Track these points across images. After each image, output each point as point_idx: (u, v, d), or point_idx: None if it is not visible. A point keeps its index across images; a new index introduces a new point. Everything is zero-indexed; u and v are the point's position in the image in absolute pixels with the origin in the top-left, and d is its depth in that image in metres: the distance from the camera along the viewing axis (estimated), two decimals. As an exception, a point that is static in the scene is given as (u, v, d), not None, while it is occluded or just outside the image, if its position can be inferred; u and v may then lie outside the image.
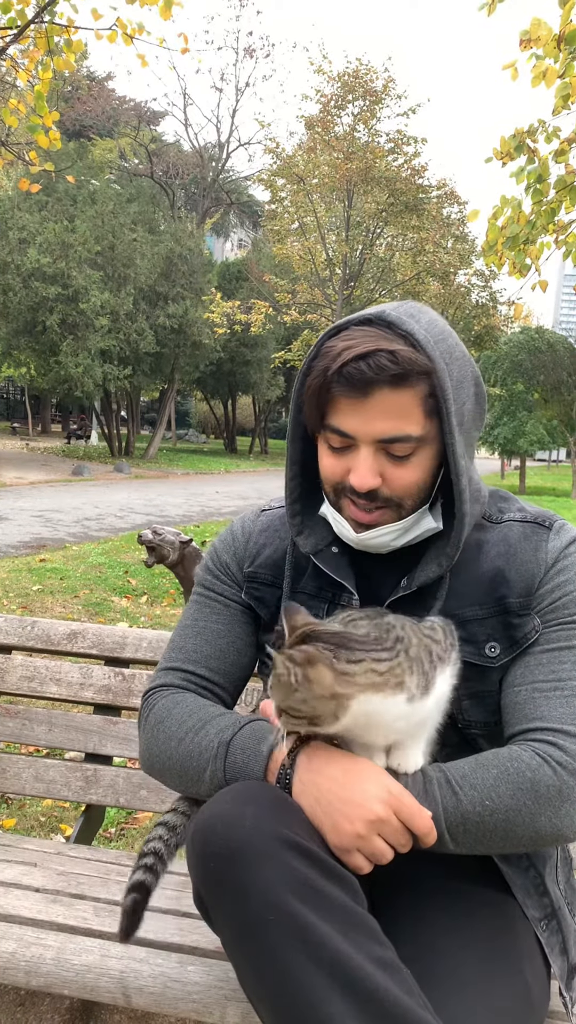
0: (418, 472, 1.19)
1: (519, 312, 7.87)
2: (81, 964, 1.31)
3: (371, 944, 0.95)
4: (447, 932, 1.10)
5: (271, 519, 1.40)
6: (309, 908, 0.94)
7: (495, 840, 1.09)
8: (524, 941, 1.14)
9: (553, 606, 1.20)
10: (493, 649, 1.21)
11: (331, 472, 1.22)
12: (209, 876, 1.01)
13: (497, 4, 4.93)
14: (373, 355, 1.11)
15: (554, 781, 1.09)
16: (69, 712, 1.98)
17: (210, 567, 1.41)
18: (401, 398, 1.13)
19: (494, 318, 27.55)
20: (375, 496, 1.18)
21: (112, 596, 6.76)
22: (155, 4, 5.89)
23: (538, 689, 1.17)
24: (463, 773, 1.10)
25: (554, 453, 53.52)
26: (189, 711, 1.25)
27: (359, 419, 1.15)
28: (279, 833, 0.98)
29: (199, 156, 37.62)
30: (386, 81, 23.65)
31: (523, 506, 1.30)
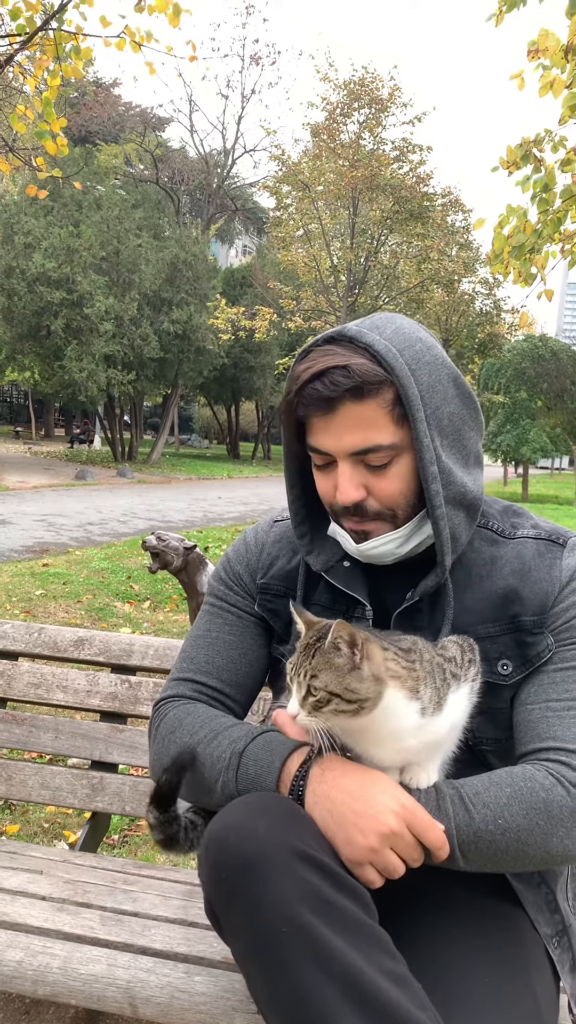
0: (400, 481, 1.19)
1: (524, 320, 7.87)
2: (88, 973, 1.31)
3: (383, 957, 0.95)
4: (456, 946, 1.10)
5: (284, 530, 1.41)
6: (321, 921, 0.94)
7: (506, 859, 1.09)
8: (533, 956, 1.14)
9: (567, 625, 1.20)
10: (506, 667, 1.21)
11: (324, 491, 1.24)
12: (222, 887, 1.01)
13: (505, 15, 4.95)
14: (327, 373, 1.13)
15: (567, 802, 1.09)
16: (75, 719, 1.97)
17: (223, 577, 1.41)
18: (365, 409, 1.15)
19: (498, 326, 27.59)
20: (364, 510, 1.20)
21: (115, 601, 6.76)
22: (164, 12, 5.91)
23: (551, 708, 1.17)
24: (476, 791, 1.10)
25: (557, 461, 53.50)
26: (201, 722, 1.25)
27: (330, 436, 1.17)
28: (292, 845, 0.98)
29: (204, 162, 37.71)
30: (392, 89, 23.73)
31: (537, 522, 1.30)
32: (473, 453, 1.25)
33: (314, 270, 24.96)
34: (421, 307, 25.71)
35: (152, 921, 1.47)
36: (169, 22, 5.97)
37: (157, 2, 5.92)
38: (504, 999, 1.03)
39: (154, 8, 5.97)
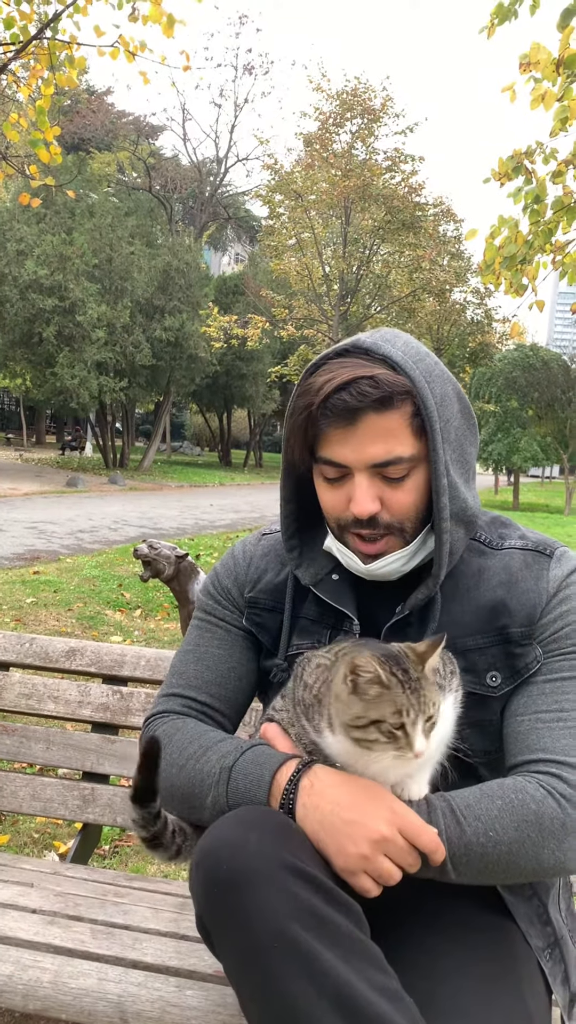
0: (414, 494, 1.20)
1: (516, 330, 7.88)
2: (79, 988, 1.30)
3: (374, 972, 0.95)
4: (448, 960, 1.09)
5: (272, 543, 1.40)
6: (312, 935, 0.93)
7: (497, 871, 1.09)
8: (525, 968, 1.14)
9: (555, 636, 1.20)
10: (494, 679, 1.21)
11: (332, 506, 1.23)
12: (212, 902, 1.01)
13: (497, 28, 4.99)
14: (354, 383, 1.13)
15: (558, 814, 1.09)
16: (67, 730, 1.97)
17: (211, 591, 1.41)
18: (388, 421, 1.15)
19: (489, 335, 27.70)
20: (376, 523, 1.19)
21: (106, 609, 6.74)
22: (158, 22, 5.93)
23: (541, 720, 1.17)
24: (467, 803, 1.10)
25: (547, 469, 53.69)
26: (190, 738, 1.25)
27: (349, 447, 1.16)
28: (283, 859, 0.97)
29: (197, 171, 37.81)
30: (384, 99, 23.84)
31: (524, 532, 1.30)
32: (472, 468, 1.26)
33: (306, 279, 25.01)
34: (413, 316, 25.80)
35: (143, 934, 1.47)
36: (163, 32, 5.99)
37: (151, 12, 5.94)
38: (496, 1012, 1.02)
39: (148, 18, 5.99)
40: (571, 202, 5.26)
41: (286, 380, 28.93)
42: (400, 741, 1.02)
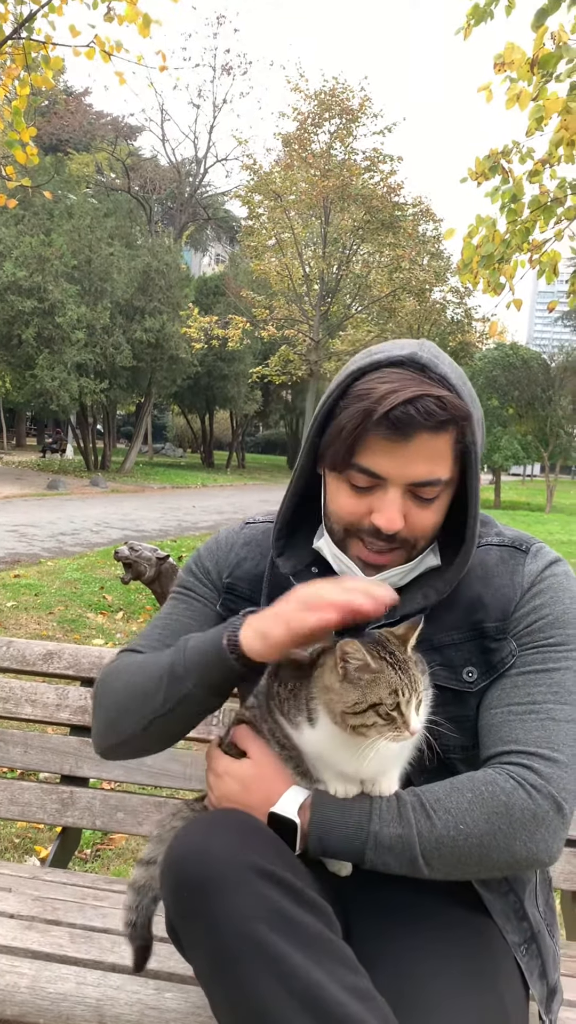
0: (438, 515, 1.20)
1: (494, 330, 7.94)
2: (56, 992, 1.30)
3: (345, 972, 0.95)
4: (424, 956, 1.09)
5: (254, 533, 1.41)
6: (281, 937, 0.93)
7: (470, 865, 1.08)
8: (502, 964, 1.14)
9: (529, 629, 1.20)
10: (471, 674, 1.21)
11: (349, 512, 1.20)
12: (181, 907, 1.00)
13: (473, 28, 5.01)
14: (421, 400, 1.11)
15: (529, 805, 1.09)
16: (45, 733, 1.96)
17: (192, 569, 1.41)
18: (438, 443, 1.14)
19: (469, 334, 27.83)
20: (394, 538, 1.18)
21: (87, 612, 6.71)
22: (134, 22, 5.91)
23: (513, 712, 1.17)
24: (437, 797, 1.10)
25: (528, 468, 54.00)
26: (144, 657, 1.29)
27: (396, 462, 1.14)
28: (251, 861, 0.97)
29: (176, 171, 37.76)
30: (362, 100, 23.91)
31: (501, 529, 1.31)
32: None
33: (287, 279, 25.04)
34: (393, 316, 25.89)
35: (122, 937, 1.45)
36: (139, 32, 5.97)
37: (127, 12, 5.93)
38: (472, 1008, 1.02)
39: (124, 18, 5.97)
40: (547, 201, 5.29)
41: (267, 380, 28.94)
42: (396, 721, 1.04)
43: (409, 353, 1.16)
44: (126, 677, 1.27)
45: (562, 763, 1.12)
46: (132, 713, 1.24)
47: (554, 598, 1.22)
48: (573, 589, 1.24)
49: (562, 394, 29.40)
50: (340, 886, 1.20)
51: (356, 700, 1.04)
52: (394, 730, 1.05)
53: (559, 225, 5.38)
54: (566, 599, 1.22)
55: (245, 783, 1.16)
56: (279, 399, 43.47)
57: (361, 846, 1.07)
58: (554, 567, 1.25)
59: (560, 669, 1.18)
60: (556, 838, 1.10)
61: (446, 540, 1.25)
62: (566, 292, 6.13)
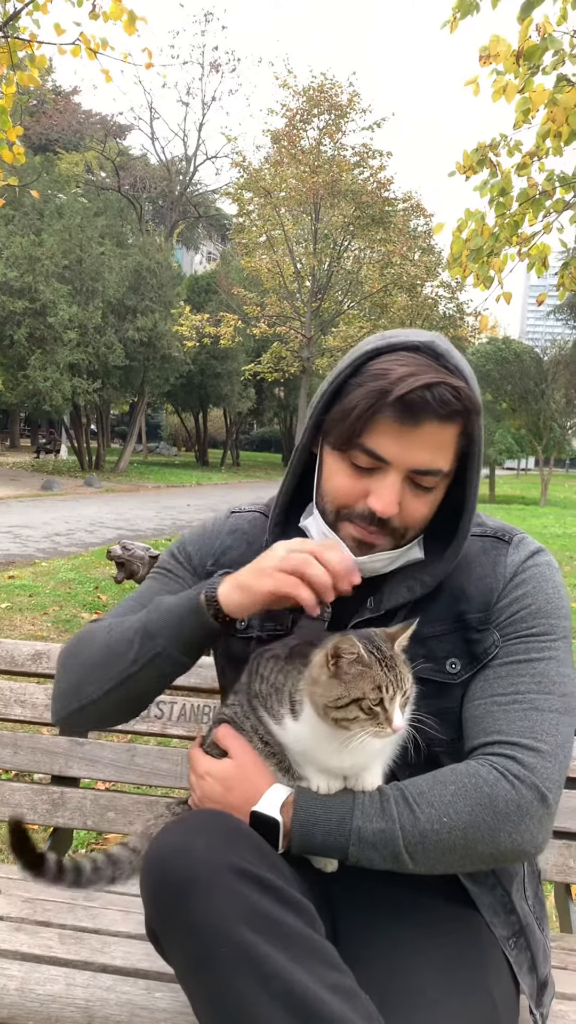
0: (431, 506, 1.20)
1: (485, 324, 7.96)
2: (46, 994, 1.29)
3: (327, 971, 0.94)
4: (412, 951, 1.09)
5: (239, 522, 1.40)
6: (262, 937, 0.92)
7: (455, 858, 1.08)
8: (491, 958, 1.13)
9: (511, 619, 1.20)
10: (454, 665, 1.20)
11: (346, 493, 1.19)
12: (161, 908, 0.99)
13: (459, 21, 5.00)
14: (437, 387, 1.11)
15: (512, 796, 1.08)
16: (35, 734, 1.95)
17: (174, 553, 1.41)
18: (445, 433, 1.14)
19: (461, 329, 27.82)
20: (386, 524, 1.18)
21: (82, 612, 6.70)
22: (119, 20, 5.89)
23: (496, 703, 1.16)
24: (420, 790, 1.09)
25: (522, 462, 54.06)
26: (115, 620, 1.28)
27: (401, 446, 1.14)
28: (230, 862, 0.96)
29: (166, 170, 37.67)
30: (351, 95, 23.87)
31: (483, 520, 1.30)
32: None
33: (278, 276, 25.00)
34: (385, 312, 25.87)
35: (112, 938, 1.45)
36: (124, 29, 5.95)
37: (112, 9, 5.90)
38: (460, 1002, 1.02)
39: (109, 15, 5.94)
40: (536, 194, 5.30)
41: (260, 378, 28.91)
42: (379, 717, 1.04)
43: (427, 340, 1.17)
44: (98, 639, 1.26)
45: (545, 753, 1.11)
46: (99, 674, 1.23)
47: (536, 588, 1.21)
48: (556, 579, 1.23)
49: (555, 388, 29.46)
50: (327, 883, 1.19)
51: (339, 695, 1.04)
52: (376, 725, 1.04)
53: (548, 218, 5.39)
54: (548, 589, 1.22)
55: (227, 783, 1.16)
56: (272, 396, 43.43)
57: (344, 842, 1.07)
58: (536, 557, 1.24)
59: (543, 659, 1.18)
60: (541, 828, 1.10)
61: (430, 534, 1.24)
62: (556, 285, 6.14)
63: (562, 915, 1.79)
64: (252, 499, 1.39)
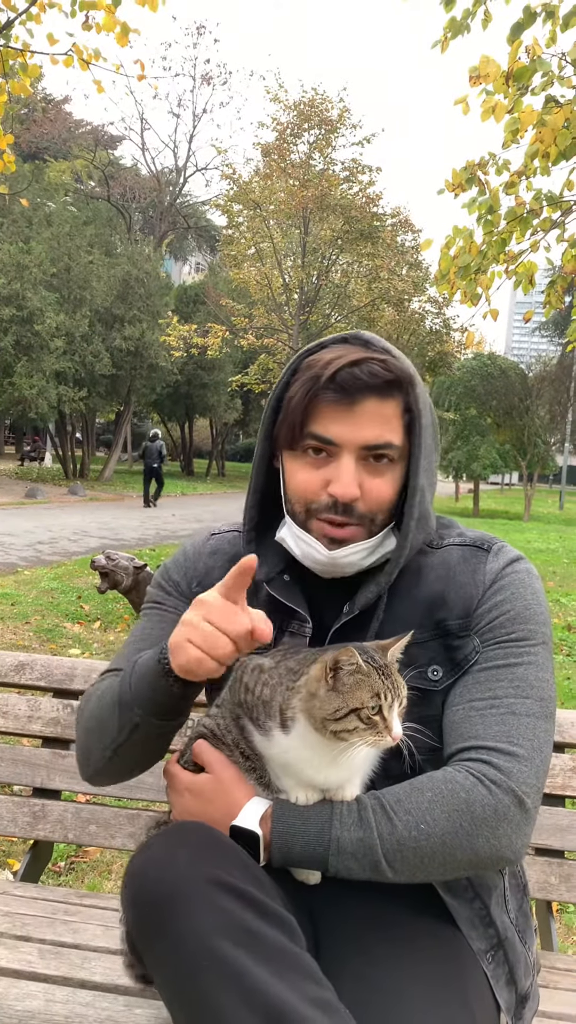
0: (391, 486, 1.22)
1: (471, 340, 8.02)
2: (24, 1010, 1.27)
3: (308, 984, 0.93)
4: (392, 965, 1.08)
5: (220, 543, 1.42)
6: (243, 951, 0.92)
7: (434, 865, 1.07)
8: (471, 972, 1.13)
9: (490, 625, 1.21)
10: (436, 672, 1.21)
11: (306, 487, 1.22)
12: (142, 922, 0.99)
13: (450, 41, 5.06)
14: (366, 362, 1.17)
15: (489, 801, 1.08)
16: (16, 745, 1.93)
17: (160, 583, 1.42)
18: (386, 407, 1.19)
19: (448, 344, 27.97)
20: (351, 511, 1.20)
21: (64, 622, 6.66)
22: (112, 31, 5.91)
23: (474, 708, 1.16)
24: (398, 798, 1.09)
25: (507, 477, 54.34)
26: (108, 683, 1.28)
27: (345, 425, 1.18)
28: (211, 875, 0.96)
29: (156, 180, 37.72)
30: (341, 111, 24.01)
31: (463, 531, 1.32)
32: (435, 479, 1.29)
33: (266, 288, 25.07)
34: (372, 325, 25.96)
35: (93, 953, 1.44)
36: (117, 41, 5.98)
37: (105, 21, 5.93)
38: (440, 1016, 1.01)
39: (102, 27, 5.97)
40: (523, 212, 5.35)
41: (247, 389, 28.94)
42: (378, 726, 1.04)
43: (351, 333, 1.25)
44: (91, 706, 1.28)
45: (522, 757, 1.11)
46: (96, 742, 1.25)
47: (515, 594, 1.22)
48: (534, 585, 1.25)
49: (539, 403, 29.65)
50: (309, 897, 1.19)
51: (338, 706, 1.04)
52: (375, 735, 1.04)
53: (535, 236, 5.44)
54: (527, 595, 1.23)
55: (205, 797, 1.16)
56: (259, 408, 43.38)
57: (324, 852, 1.07)
58: (515, 564, 1.26)
59: (522, 664, 1.18)
60: (520, 834, 1.09)
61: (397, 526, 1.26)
62: (542, 303, 6.18)
63: (543, 933, 1.79)
64: (237, 508, 1.40)
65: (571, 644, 7.14)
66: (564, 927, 2.69)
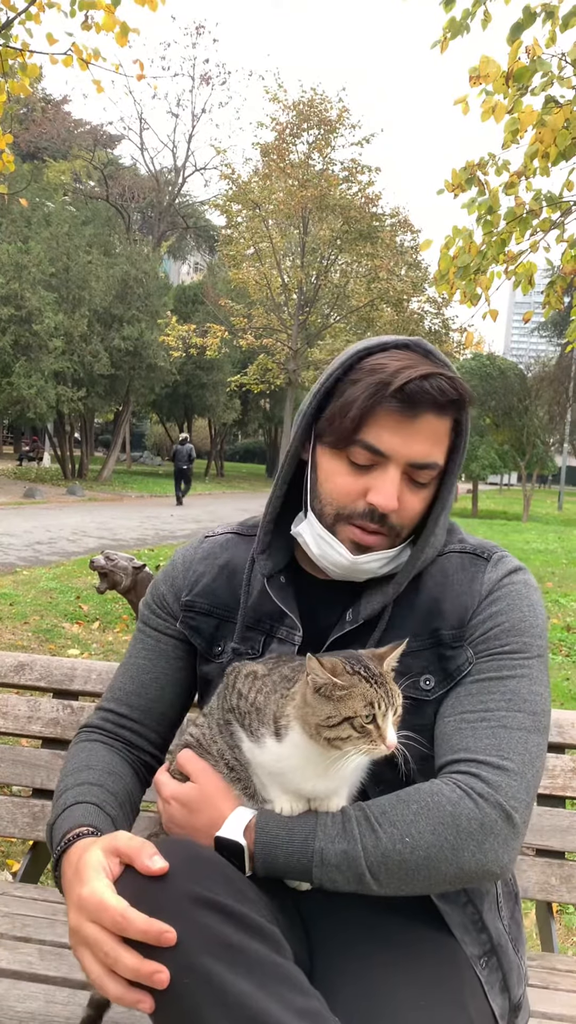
0: (425, 502, 1.22)
1: (470, 340, 8.01)
2: (25, 1011, 1.27)
3: (294, 996, 0.92)
4: (386, 971, 1.07)
5: (212, 546, 1.41)
6: (225, 966, 0.90)
7: (419, 878, 1.06)
8: (467, 977, 1.12)
9: (484, 636, 1.19)
10: (428, 682, 1.19)
11: (346, 492, 1.20)
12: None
13: (449, 42, 5.05)
14: (435, 377, 1.15)
15: (476, 814, 1.06)
16: (15, 746, 1.93)
17: (149, 601, 1.42)
18: (440, 426, 1.18)
19: (447, 345, 27.99)
20: (386, 521, 1.19)
21: (63, 622, 6.66)
22: (111, 31, 5.91)
23: (465, 720, 1.15)
24: (383, 810, 1.08)
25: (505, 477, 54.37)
26: (66, 771, 1.28)
27: (401, 439, 1.16)
28: (191, 891, 0.94)
29: (155, 180, 37.74)
30: (340, 111, 24.04)
31: (464, 537, 1.30)
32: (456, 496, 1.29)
33: (265, 288, 25.09)
34: (371, 326, 25.99)
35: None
36: (116, 41, 5.97)
37: (104, 21, 5.92)
38: (436, 1019, 1.00)
39: (101, 27, 5.96)
40: (523, 213, 5.34)
41: (246, 389, 28.94)
42: (372, 735, 1.03)
43: (415, 340, 1.22)
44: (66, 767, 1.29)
45: (511, 771, 1.10)
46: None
47: (511, 605, 1.21)
48: (532, 597, 1.23)
49: (538, 404, 29.63)
50: (301, 905, 1.18)
51: (329, 713, 1.03)
52: (370, 743, 1.03)
53: (534, 237, 5.43)
54: (524, 607, 1.21)
55: (190, 807, 1.15)
56: (258, 408, 43.49)
57: (308, 863, 1.05)
58: (514, 575, 1.24)
59: (515, 677, 1.17)
60: (506, 848, 1.07)
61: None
62: (541, 303, 6.18)
63: (543, 934, 1.79)
64: (235, 509, 1.39)
65: (570, 645, 7.14)
66: (564, 928, 2.69)
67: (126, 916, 0.92)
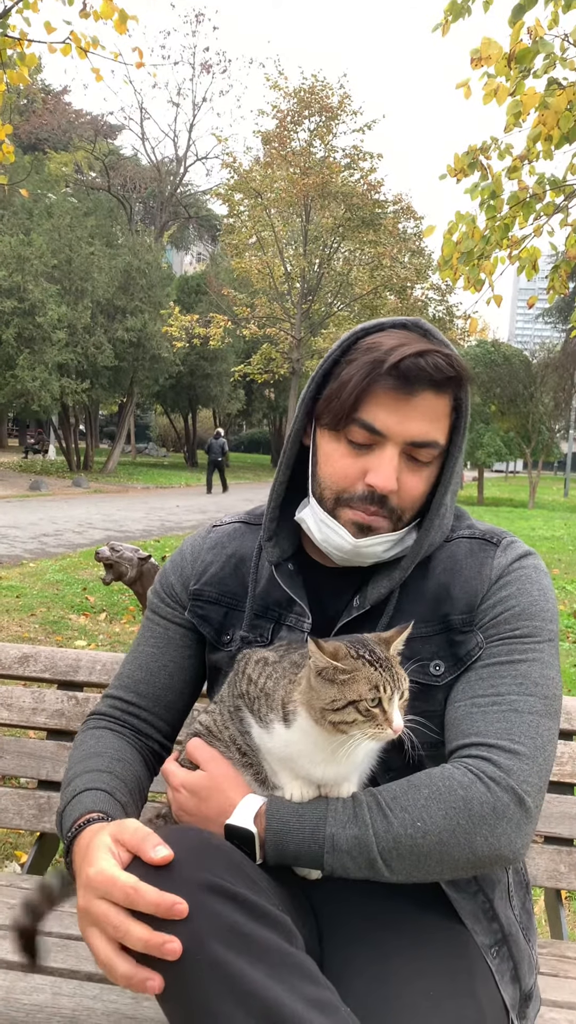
0: (426, 484, 1.21)
1: (474, 327, 7.97)
2: (32, 1003, 1.26)
3: (305, 985, 0.91)
4: (397, 960, 1.06)
5: (220, 536, 1.40)
6: (236, 954, 0.90)
7: (431, 864, 1.05)
8: (478, 967, 1.11)
9: (494, 621, 1.18)
10: (438, 667, 1.19)
11: (344, 474, 1.19)
12: None
13: (451, 24, 5.01)
14: (431, 354, 1.14)
15: (488, 798, 1.05)
16: (21, 738, 1.92)
17: (157, 590, 1.41)
18: (439, 404, 1.17)
19: (451, 332, 27.89)
20: (385, 503, 1.18)
21: (70, 614, 6.66)
22: (110, 18, 5.87)
23: (476, 704, 1.14)
24: (394, 795, 1.07)
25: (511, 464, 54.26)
26: (76, 758, 1.28)
27: (397, 417, 1.15)
28: (203, 880, 0.93)
29: (156, 170, 37.62)
30: (342, 97, 23.90)
31: (473, 523, 1.30)
32: (461, 481, 1.28)
33: (268, 277, 25.01)
34: (375, 313, 25.90)
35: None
36: (115, 28, 5.94)
37: (103, 8, 5.89)
38: (447, 1011, 0.99)
39: (100, 14, 5.93)
40: (526, 197, 5.31)
41: (250, 379, 28.90)
42: (378, 718, 1.02)
43: (413, 319, 1.22)
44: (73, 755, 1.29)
45: (523, 755, 1.09)
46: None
47: (521, 589, 1.20)
48: (542, 582, 1.22)
49: (543, 391, 29.53)
50: (312, 893, 1.18)
51: (334, 697, 1.02)
52: (375, 727, 1.02)
53: (538, 221, 5.40)
54: (534, 591, 1.20)
55: (200, 795, 1.14)
56: (262, 398, 43.44)
57: (319, 850, 1.05)
58: (523, 560, 1.23)
59: (526, 661, 1.16)
60: (520, 833, 1.06)
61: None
62: (545, 288, 6.14)
63: (553, 921, 1.78)
64: (240, 499, 1.38)
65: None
66: (573, 915, 2.69)
67: (137, 889, 0.92)
